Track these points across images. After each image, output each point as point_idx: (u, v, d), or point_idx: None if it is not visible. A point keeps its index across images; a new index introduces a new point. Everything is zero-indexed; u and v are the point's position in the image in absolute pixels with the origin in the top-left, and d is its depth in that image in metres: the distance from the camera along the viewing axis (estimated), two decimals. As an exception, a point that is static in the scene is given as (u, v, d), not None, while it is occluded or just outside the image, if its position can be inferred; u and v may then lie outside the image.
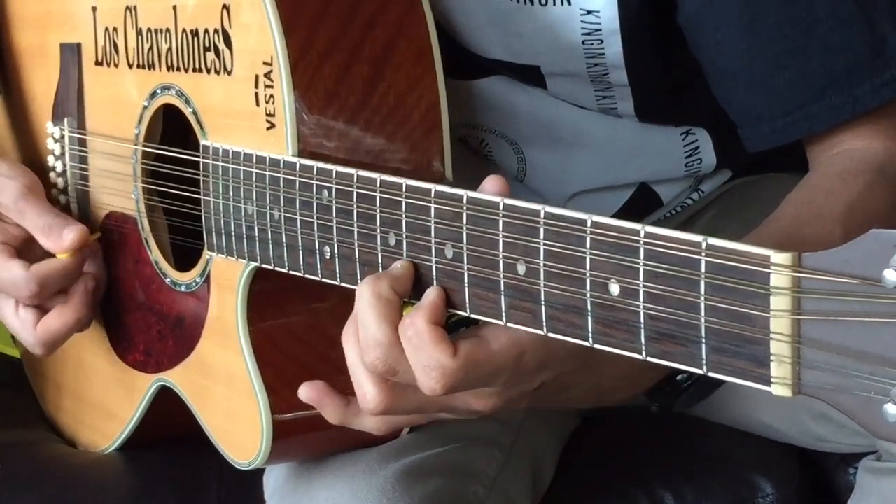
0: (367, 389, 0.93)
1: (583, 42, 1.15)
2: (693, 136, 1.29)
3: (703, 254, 0.72)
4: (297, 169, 1.01)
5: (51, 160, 1.37)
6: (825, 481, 1.35)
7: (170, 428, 1.32)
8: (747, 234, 0.95)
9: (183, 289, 1.20)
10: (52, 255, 1.25)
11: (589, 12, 1.13)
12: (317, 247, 1.01)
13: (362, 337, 0.91)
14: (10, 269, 1.23)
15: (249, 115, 1.08)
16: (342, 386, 1.14)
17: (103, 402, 1.36)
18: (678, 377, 1.00)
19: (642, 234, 0.76)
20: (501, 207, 0.84)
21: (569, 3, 1.13)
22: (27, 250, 1.25)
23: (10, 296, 1.25)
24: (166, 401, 1.26)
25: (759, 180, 1.37)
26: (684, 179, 1.32)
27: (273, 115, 1.06)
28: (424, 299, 0.89)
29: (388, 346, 0.89)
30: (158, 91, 1.21)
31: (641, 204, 1.32)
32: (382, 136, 1.06)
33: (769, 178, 1.37)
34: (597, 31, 1.14)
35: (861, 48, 1.05)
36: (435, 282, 0.89)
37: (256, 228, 1.07)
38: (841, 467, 1.33)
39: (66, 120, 1.34)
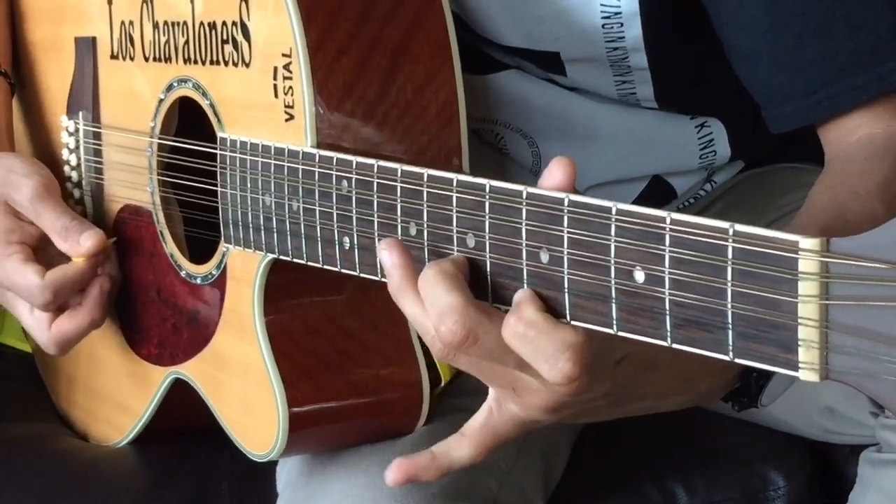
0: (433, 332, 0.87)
1: (602, 25, 1.16)
2: (708, 129, 1.29)
3: (731, 240, 0.73)
4: (317, 160, 1.02)
5: (65, 153, 1.37)
6: (835, 473, 1.36)
7: (182, 421, 1.32)
8: (788, 224, 0.94)
9: (198, 281, 1.21)
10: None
11: None
12: (336, 237, 1.01)
13: (434, 313, 0.86)
14: (25, 275, 1.23)
15: (267, 107, 1.08)
16: (357, 378, 1.15)
17: (116, 395, 1.37)
18: (754, 374, 0.96)
19: (668, 220, 0.76)
20: (525, 196, 0.84)
21: None
22: (43, 248, 1.25)
23: (25, 299, 1.25)
24: (179, 394, 1.27)
25: (768, 171, 1.38)
26: (698, 171, 1.33)
27: (292, 107, 1.06)
28: (520, 296, 0.85)
29: (462, 309, 0.85)
30: (175, 84, 1.21)
31: (655, 195, 1.32)
32: (400, 128, 1.07)
33: (778, 169, 1.38)
34: (617, 13, 1.15)
35: (884, 27, 1.05)
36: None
37: (275, 220, 1.07)
38: (851, 459, 1.33)
39: (80, 113, 1.35)
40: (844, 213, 0.95)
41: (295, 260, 1.06)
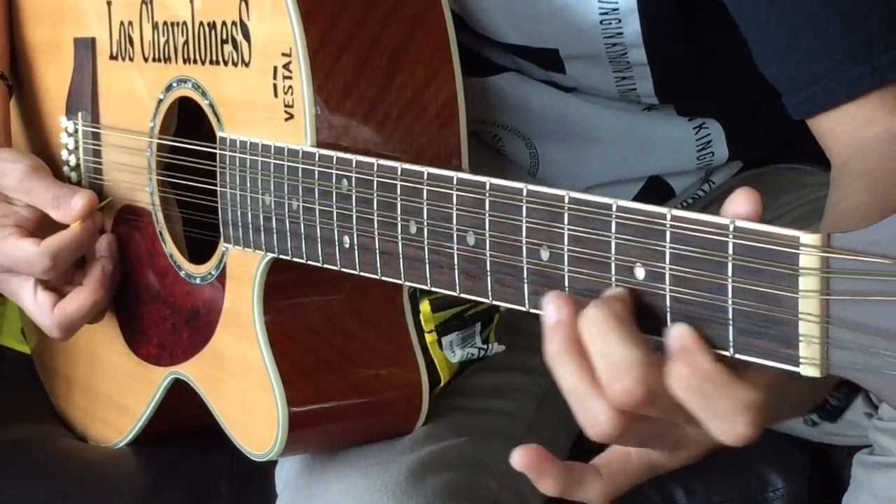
0: (598, 410, 0.77)
1: (601, 21, 1.16)
2: (706, 130, 1.30)
3: (731, 236, 0.73)
4: (317, 159, 1.02)
5: (64, 154, 1.37)
6: (835, 474, 1.36)
7: (181, 422, 1.32)
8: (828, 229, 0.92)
9: (198, 281, 1.21)
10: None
11: None
12: (336, 237, 1.01)
13: (606, 365, 0.76)
14: (21, 247, 1.23)
15: (267, 107, 1.09)
16: (357, 378, 1.15)
17: (115, 396, 1.37)
18: (840, 391, 0.90)
19: (669, 217, 0.76)
20: (525, 193, 0.84)
21: None
22: (41, 233, 1.26)
23: (25, 274, 1.25)
24: (178, 395, 1.27)
25: (767, 172, 1.38)
26: (696, 172, 1.33)
27: (291, 106, 1.06)
28: (683, 339, 0.75)
29: (647, 366, 0.75)
30: (174, 84, 1.21)
31: (653, 195, 1.32)
32: (399, 128, 1.07)
33: (776, 170, 1.38)
34: (614, 10, 1.15)
35: (879, 21, 1.05)
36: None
37: (274, 219, 1.07)
38: (849, 461, 1.33)
39: (79, 114, 1.35)
40: None
41: (295, 259, 1.06)
